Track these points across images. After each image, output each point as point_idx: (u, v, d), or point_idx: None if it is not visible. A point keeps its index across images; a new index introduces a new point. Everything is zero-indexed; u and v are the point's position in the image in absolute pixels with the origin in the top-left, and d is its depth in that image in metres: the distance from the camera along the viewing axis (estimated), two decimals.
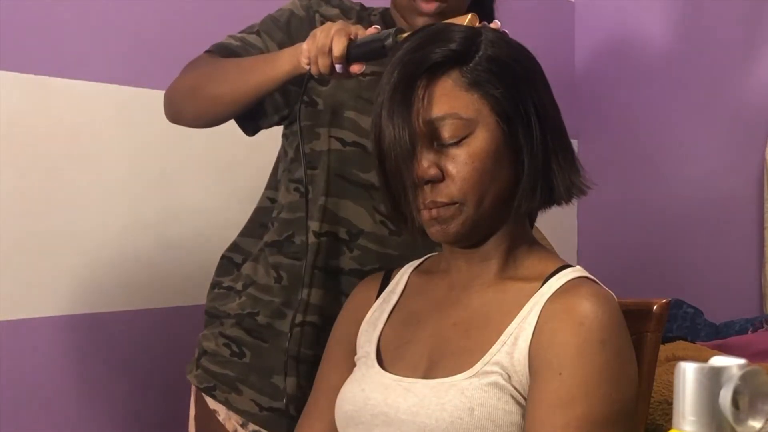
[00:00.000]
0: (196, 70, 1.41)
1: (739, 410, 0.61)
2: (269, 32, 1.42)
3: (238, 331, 1.42)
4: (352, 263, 1.37)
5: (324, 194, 1.37)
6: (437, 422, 1.01)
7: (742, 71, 2.78)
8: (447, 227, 1.07)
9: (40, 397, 1.78)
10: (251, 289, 1.43)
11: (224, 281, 1.48)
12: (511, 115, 1.06)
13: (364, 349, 1.17)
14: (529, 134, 1.07)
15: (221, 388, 1.42)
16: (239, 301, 1.43)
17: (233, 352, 1.42)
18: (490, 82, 1.06)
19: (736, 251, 2.77)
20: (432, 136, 1.06)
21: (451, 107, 1.05)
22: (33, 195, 1.76)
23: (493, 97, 1.06)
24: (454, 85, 1.06)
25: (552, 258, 1.14)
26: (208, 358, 1.44)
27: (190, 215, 2.00)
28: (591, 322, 1.01)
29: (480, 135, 1.06)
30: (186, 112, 1.42)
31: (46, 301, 1.78)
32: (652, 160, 2.95)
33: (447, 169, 1.06)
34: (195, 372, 1.45)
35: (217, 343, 1.43)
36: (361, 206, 1.37)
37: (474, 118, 1.06)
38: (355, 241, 1.37)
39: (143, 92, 1.92)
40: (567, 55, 3.14)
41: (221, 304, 1.46)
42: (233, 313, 1.43)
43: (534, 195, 1.08)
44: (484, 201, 1.07)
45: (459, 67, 1.07)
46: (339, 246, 1.37)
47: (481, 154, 1.05)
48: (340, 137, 1.36)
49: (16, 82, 1.74)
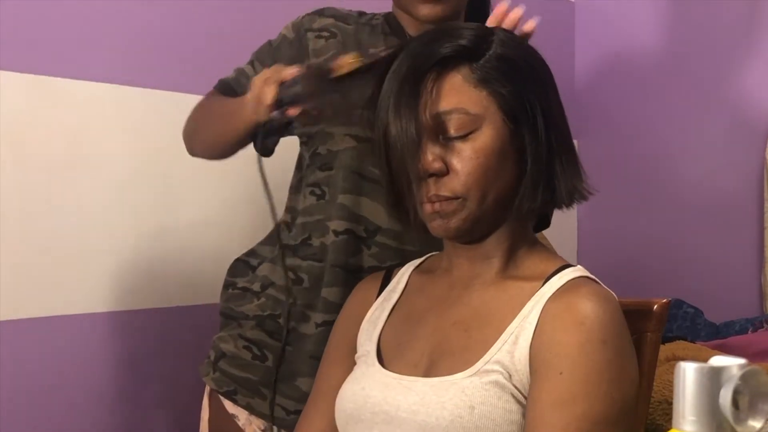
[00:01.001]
0: (197, 113, 1.48)
1: (739, 410, 0.61)
2: (262, 59, 1.44)
3: (259, 333, 1.40)
4: (371, 260, 1.36)
5: (342, 192, 1.36)
6: (437, 420, 1.01)
7: (742, 71, 2.78)
8: (448, 222, 1.08)
9: (40, 398, 1.77)
10: (271, 290, 1.41)
11: (238, 282, 1.46)
12: (518, 114, 1.07)
13: (364, 347, 1.17)
14: (535, 135, 1.08)
15: (242, 392, 1.40)
16: (258, 302, 1.42)
17: (255, 355, 1.40)
18: (498, 80, 1.07)
19: (736, 251, 2.76)
20: (438, 130, 1.07)
21: (458, 102, 1.06)
22: (33, 195, 1.76)
23: (501, 95, 1.07)
24: (463, 81, 1.07)
25: (553, 258, 1.14)
26: (227, 361, 1.42)
27: (189, 214, 1.99)
28: (592, 322, 1.01)
29: (486, 131, 1.06)
30: (195, 151, 1.50)
31: (45, 301, 1.78)
32: (652, 160, 2.95)
33: (451, 163, 1.06)
34: (213, 375, 1.43)
35: (236, 346, 1.42)
36: (378, 202, 1.35)
37: (481, 114, 1.06)
38: (373, 238, 1.36)
39: (143, 92, 1.92)
40: (567, 56, 3.13)
41: (237, 305, 1.44)
42: (252, 314, 1.41)
43: (535, 195, 1.08)
44: (486, 197, 1.07)
45: (469, 63, 1.07)
46: (357, 244, 1.36)
47: (486, 150, 1.06)
48: (354, 134, 1.36)
49: (16, 82, 1.74)
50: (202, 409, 1.46)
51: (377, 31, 1.42)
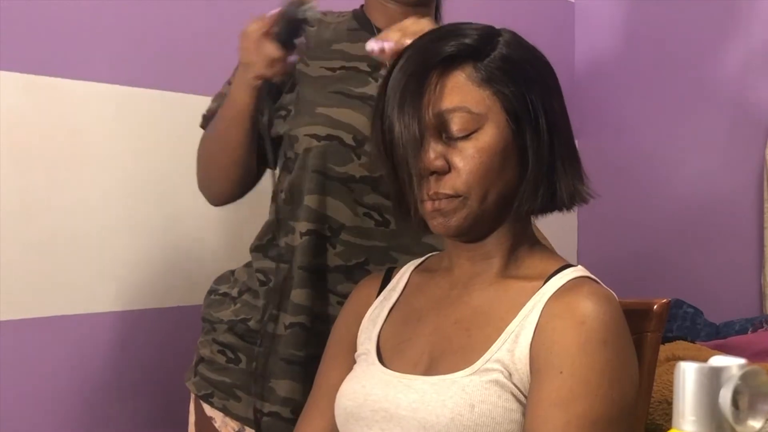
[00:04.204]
0: (199, 156, 1.49)
1: (739, 410, 0.61)
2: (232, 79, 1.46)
3: (231, 337, 1.43)
4: (336, 259, 1.37)
5: (307, 193, 1.37)
6: (438, 418, 1.01)
7: (742, 71, 2.78)
8: (448, 220, 1.08)
9: (40, 398, 1.77)
10: (246, 295, 1.44)
11: (221, 288, 1.49)
12: (520, 114, 1.07)
13: (364, 346, 1.17)
14: (537, 136, 1.08)
15: (218, 395, 1.42)
16: (234, 308, 1.44)
17: (228, 358, 1.42)
18: (502, 80, 1.07)
19: (736, 251, 2.76)
20: (441, 128, 1.07)
21: (462, 100, 1.06)
22: (33, 195, 1.76)
23: (504, 95, 1.07)
24: (467, 80, 1.07)
25: (554, 257, 1.15)
26: (204, 365, 1.45)
27: (189, 214, 1.99)
28: (592, 322, 1.01)
29: (489, 131, 1.06)
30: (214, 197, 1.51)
31: (45, 301, 1.78)
32: (652, 160, 2.95)
33: (453, 161, 1.06)
34: (193, 379, 1.46)
35: (212, 350, 1.44)
36: (341, 201, 1.37)
37: (484, 113, 1.06)
38: (338, 236, 1.37)
39: (143, 92, 1.92)
40: (567, 55, 3.13)
41: (215, 310, 1.46)
42: (226, 319, 1.44)
43: (535, 196, 1.09)
44: (487, 197, 1.07)
45: (473, 63, 1.07)
46: (322, 243, 1.37)
47: (488, 149, 1.06)
48: (315, 133, 1.37)
49: (16, 82, 1.74)
50: (189, 413, 1.49)
51: (342, 27, 1.44)
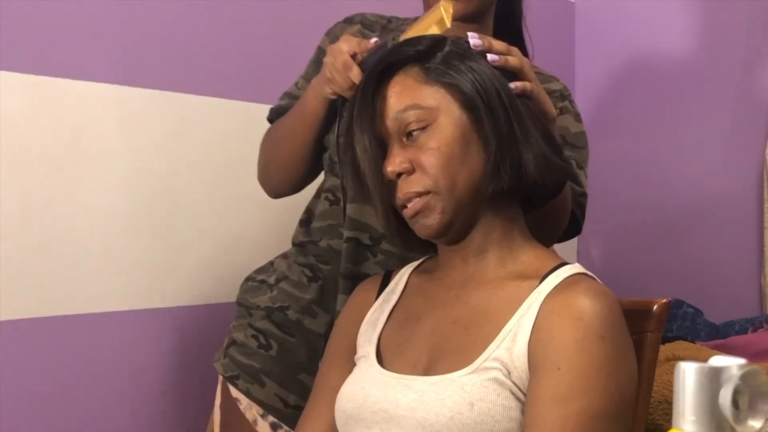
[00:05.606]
0: (262, 148, 1.51)
1: (739, 410, 0.61)
2: (306, 76, 1.49)
3: (267, 324, 1.46)
4: (376, 268, 1.38)
5: (350, 201, 1.39)
6: (437, 417, 1.02)
7: (742, 71, 2.78)
8: (428, 220, 1.09)
9: (40, 398, 1.77)
10: (284, 283, 1.47)
11: (258, 276, 1.52)
12: (473, 101, 1.09)
13: (364, 348, 1.17)
14: (493, 115, 1.09)
15: (244, 377, 1.45)
16: (270, 295, 1.47)
17: (260, 344, 1.46)
18: (448, 73, 1.09)
19: (736, 251, 2.76)
20: (399, 132, 1.10)
21: (411, 99, 1.09)
22: (33, 195, 1.76)
23: (453, 86, 1.09)
24: (414, 80, 1.10)
25: (550, 255, 1.15)
26: (236, 348, 1.48)
27: (190, 215, 1.99)
28: (590, 318, 1.02)
29: (443, 122, 1.09)
30: (273, 180, 1.51)
31: (45, 301, 1.78)
32: (652, 160, 2.95)
33: (417, 160, 1.09)
34: (222, 360, 1.49)
35: (246, 335, 1.47)
36: None
37: (435, 106, 1.09)
38: (378, 245, 1.39)
39: (143, 92, 1.92)
40: (567, 56, 3.13)
41: (252, 296, 1.49)
42: (263, 305, 1.47)
43: (499, 175, 1.09)
44: (456, 185, 1.08)
45: (420, 64, 1.11)
46: (362, 252, 1.39)
47: (446, 139, 1.08)
48: None
49: (16, 82, 1.74)
50: (216, 395, 1.52)
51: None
